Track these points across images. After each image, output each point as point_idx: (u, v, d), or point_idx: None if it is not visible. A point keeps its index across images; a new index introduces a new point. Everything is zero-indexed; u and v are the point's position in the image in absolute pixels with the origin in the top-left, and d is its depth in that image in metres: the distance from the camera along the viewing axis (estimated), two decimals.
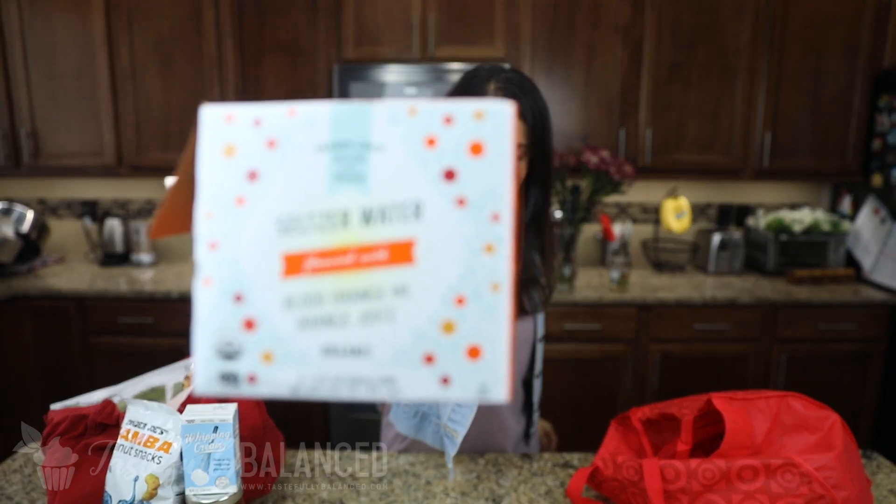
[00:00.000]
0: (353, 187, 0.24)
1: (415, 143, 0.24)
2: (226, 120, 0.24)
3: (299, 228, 0.24)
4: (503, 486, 0.79)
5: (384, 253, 0.23)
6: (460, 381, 0.24)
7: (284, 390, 0.24)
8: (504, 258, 0.24)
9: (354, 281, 0.24)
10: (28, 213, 2.15)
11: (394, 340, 0.24)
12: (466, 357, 0.24)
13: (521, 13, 1.97)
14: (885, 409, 1.91)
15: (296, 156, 0.24)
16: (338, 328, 0.24)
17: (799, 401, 0.70)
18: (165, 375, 0.74)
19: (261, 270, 0.24)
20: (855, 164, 2.04)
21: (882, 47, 1.96)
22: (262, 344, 0.24)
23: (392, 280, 0.23)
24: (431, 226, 0.23)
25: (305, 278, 0.24)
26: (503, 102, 0.24)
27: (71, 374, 1.95)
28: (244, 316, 0.24)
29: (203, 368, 0.25)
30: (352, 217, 0.24)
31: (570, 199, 2.04)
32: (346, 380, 0.24)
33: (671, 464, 0.67)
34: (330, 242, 0.24)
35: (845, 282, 1.99)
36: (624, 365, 1.90)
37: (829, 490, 0.62)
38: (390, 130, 0.24)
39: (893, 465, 0.83)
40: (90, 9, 1.98)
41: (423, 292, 0.24)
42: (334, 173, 0.24)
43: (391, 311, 0.24)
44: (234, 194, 0.24)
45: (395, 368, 0.24)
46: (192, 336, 0.25)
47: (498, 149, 0.23)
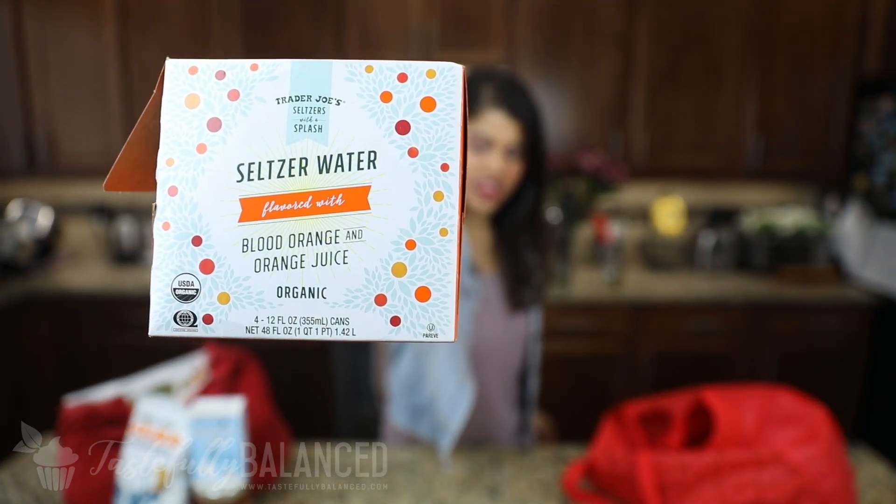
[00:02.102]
0: (311, 137, 0.25)
1: (371, 97, 0.25)
2: (189, 72, 0.25)
3: (259, 175, 0.25)
4: (500, 479, 0.81)
5: (340, 198, 0.24)
6: (410, 322, 0.25)
7: (240, 331, 0.25)
8: (452, 205, 0.25)
9: (310, 225, 0.24)
10: (43, 214, 2.18)
11: (347, 282, 0.25)
12: (416, 299, 0.25)
13: (519, 20, 2.00)
14: (867, 404, 1.96)
15: (257, 107, 0.25)
16: (293, 270, 0.25)
17: (787, 395, 0.73)
18: (174, 371, 0.76)
19: (219, 214, 0.24)
20: (839, 167, 2.09)
21: (864, 54, 2.02)
22: (219, 285, 0.25)
23: (347, 224, 0.25)
24: (385, 174, 0.25)
25: (263, 222, 0.24)
26: (453, 64, 0.25)
27: (85, 371, 1.97)
28: (202, 258, 0.25)
29: (159, 309, 0.25)
30: (310, 165, 0.24)
31: (566, 201, 2.07)
32: (300, 320, 0.25)
33: (664, 457, 0.69)
34: (288, 188, 0.24)
35: (831, 281, 2.04)
36: (618, 363, 1.93)
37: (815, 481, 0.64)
38: (348, 86, 0.25)
39: (875, 457, 0.87)
40: (103, 17, 2.01)
41: (376, 236, 0.25)
42: (294, 124, 0.25)
43: (345, 253, 0.25)
44: (196, 142, 0.25)
45: (348, 310, 0.25)
46: (151, 278, 0.25)
47: (448, 104, 0.25)
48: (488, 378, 0.90)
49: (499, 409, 0.93)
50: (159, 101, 0.26)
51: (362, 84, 0.25)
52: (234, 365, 0.76)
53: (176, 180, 0.25)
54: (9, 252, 2.03)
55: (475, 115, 0.79)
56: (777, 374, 1.94)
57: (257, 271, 0.25)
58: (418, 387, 0.89)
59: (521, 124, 0.79)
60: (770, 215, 2.15)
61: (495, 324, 0.89)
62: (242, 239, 0.25)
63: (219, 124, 0.25)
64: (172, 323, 0.25)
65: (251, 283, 0.25)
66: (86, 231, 2.39)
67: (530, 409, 0.98)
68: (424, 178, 0.25)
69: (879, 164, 1.96)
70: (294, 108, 0.25)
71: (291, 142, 0.25)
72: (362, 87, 0.25)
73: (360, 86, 0.25)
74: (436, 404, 0.86)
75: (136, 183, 0.28)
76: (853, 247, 2.05)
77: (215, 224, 0.25)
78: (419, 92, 0.25)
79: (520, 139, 0.79)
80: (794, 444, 0.67)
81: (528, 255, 0.89)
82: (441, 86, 0.25)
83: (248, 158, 0.25)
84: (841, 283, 2.04)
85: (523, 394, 0.98)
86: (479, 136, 0.78)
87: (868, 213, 2.01)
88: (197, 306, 0.25)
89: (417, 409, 0.90)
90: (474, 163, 0.79)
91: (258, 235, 0.25)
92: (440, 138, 0.25)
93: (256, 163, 0.25)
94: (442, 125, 0.25)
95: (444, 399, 0.85)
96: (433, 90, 0.25)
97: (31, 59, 2.04)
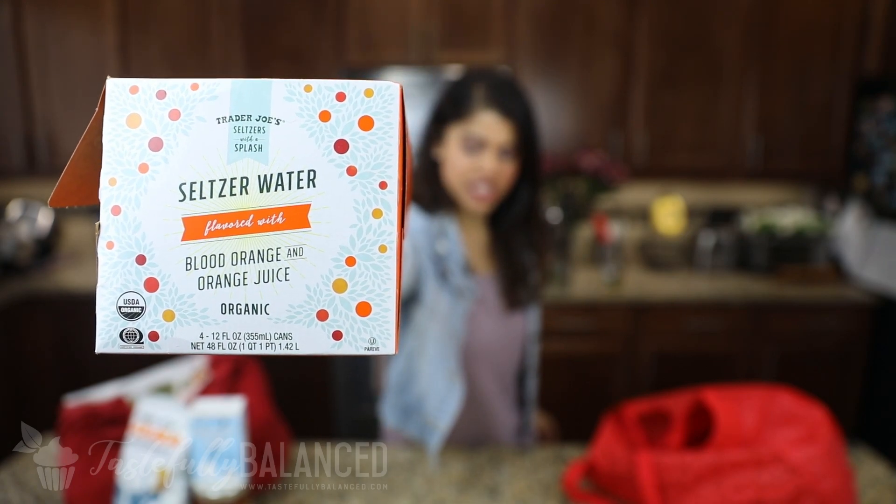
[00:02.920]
0: (251, 157, 0.25)
1: (310, 116, 0.25)
2: (130, 91, 0.25)
3: (200, 194, 0.25)
4: (500, 478, 0.82)
5: (281, 217, 0.25)
6: (351, 336, 0.26)
7: (185, 347, 0.25)
8: (391, 222, 0.26)
9: (252, 243, 0.25)
10: (43, 214, 2.18)
11: (289, 298, 0.25)
12: (356, 314, 0.26)
13: (519, 20, 2.00)
14: (867, 404, 1.96)
15: (198, 126, 0.25)
16: (236, 287, 0.25)
17: (787, 395, 0.73)
18: (175, 371, 0.76)
19: (162, 233, 0.25)
20: (839, 167, 2.09)
21: (863, 55, 2.02)
22: (164, 302, 0.25)
23: (288, 242, 0.25)
24: (325, 192, 0.25)
25: (205, 241, 0.25)
26: (391, 82, 0.26)
27: (85, 371, 1.96)
28: (146, 276, 0.25)
29: (105, 327, 0.25)
30: (251, 184, 0.25)
31: (566, 201, 2.07)
32: (244, 336, 0.25)
33: (664, 457, 0.69)
34: (230, 207, 0.25)
35: (831, 281, 2.04)
36: (618, 362, 1.93)
37: (815, 481, 0.64)
38: (287, 105, 0.25)
39: (875, 457, 0.87)
40: (103, 17, 2.01)
41: (316, 253, 0.25)
42: (234, 143, 0.25)
43: (287, 270, 0.25)
44: (138, 162, 0.25)
45: (291, 325, 0.25)
46: (97, 297, 0.25)
47: (386, 123, 0.25)
48: (485, 378, 0.90)
49: (497, 409, 0.93)
50: (99, 119, 0.26)
51: (301, 103, 0.25)
52: (234, 365, 0.76)
53: (119, 200, 0.25)
54: (9, 252, 2.04)
55: (468, 116, 0.78)
56: (777, 374, 1.94)
57: (201, 289, 0.25)
58: (408, 386, 0.89)
59: (515, 124, 0.78)
60: (770, 215, 2.16)
61: (491, 324, 0.89)
62: (186, 257, 0.25)
63: (160, 144, 0.25)
64: (119, 340, 0.25)
65: (195, 301, 0.25)
66: (86, 231, 2.39)
67: (529, 410, 0.97)
68: (363, 195, 0.25)
69: (879, 165, 1.96)
70: (234, 127, 0.25)
71: (232, 161, 0.25)
72: (301, 106, 0.25)
73: (300, 105, 0.25)
74: (424, 403, 0.86)
75: (82, 198, 0.28)
76: (853, 247, 2.05)
77: (159, 243, 0.25)
78: (357, 111, 0.25)
79: (513, 139, 0.79)
80: (794, 444, 0.67)
81: (525, 255, 0.89)
82: (379, 105, 0.25)
83: (190, 178, 0.25)
84: (841, 283, 2.04)
85: (522, 394, 0.98)
86: (472, 137, 0.78)
87: (868, 213, 2.01)
88: (142, 324, 0.25)
89: (407, 408, 0.90)
90: (468, 164, 0.78)
91: (201, 254, 0.25)
92: (378, 157, 0.25)
93: (198, 182, 0.25)
94: (380, 143, 0.25)
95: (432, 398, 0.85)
96: (371, 109, 0.26)
97: (32, 60, 2.04)
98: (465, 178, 0.79)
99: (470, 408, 0.90)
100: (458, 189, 0.81)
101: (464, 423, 0.90)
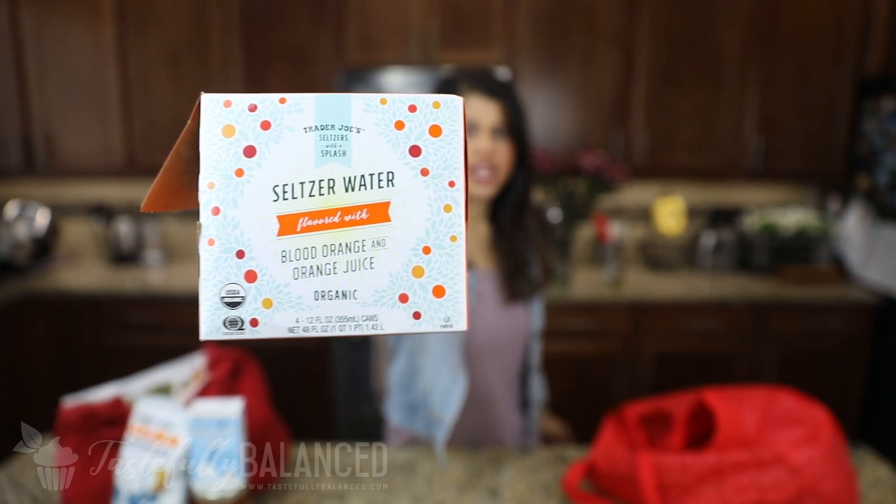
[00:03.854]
0: (336, 161, 0.28)
1: (386, 125, 0.29)
2: (223, 105, 0.28)
3: (292, 195, 0.28)
4: (501, 479, 0.81)
5: (365, 213, 0.28)
6: (429, 316, 0.29)
7: (283, 331, 0.28)
8: (459, 215, 0.29)
9: (340, 236, 0.28)
10: (41, 214, 2.17)
11: (374, 284, 0.29)
12: (433, 296, 0.29)
13: (519, 19, 1.99)
14: (870, 405, 1.96)
15: (287, 135, 0.28)
16: (327, 276, 0.28)
17: (789, 396, 0.73)
18: (173, 372, 0.75)
19: (259, 230, 0.28)
20: (841, 166, 2.08)
21: (866, 54, 2.01)
22: (263, 292, 0.28)
23: (372, 235, 0.29)
24: (402, 191, 0.29)
25: (298, 236, 0.28)
26: (454, 96, 0.30)
27: (83, 372, 1.96)
28: (246, 269, 0.28)
29: (209, 316, 0.28)
30: (337, 185, 0.28)
31: (567, 201, 2.07)
32: (335, 319, 0.29)
33: (665, 458, 0.68)
34: (319, 206, 0.28)
35: (833, 281, 2.04)
36: (618, 363, 1.92)
37: (816, 482, 0.64)
38: (365, 116, 0.29)
39: (878, 458, 0.86)
40: (101, 16, 2.01)
41: (397, 244, 0.29)
42: (320, 150, 0.28)
43: (371, 260, 0.29)
44: (234, 167, 0.28)
45: (376, 308, 0.29)
46: (200, 289, 0.28)
47: (452, 130, 0.29)
48: (488, 376, 0.90)
49: (501, 409, 0.93)
50: (193, 131, 0.28)
51: (378, 114, 0.29)
52: (233, 365, 0.75)
53: (218, 201, 0.28)
54: (6, 252, 2.03)
55: None
56: (778, 374, 1.94)
57: (296, 279, 0.28)
58: (412, 383, 0.90)
59: (500, 102, 0.82)
60: (771, 215, 2.15)
61: (491, 319, 0.89)
62: (281, 251, 0.28)
63: (254, 151, 0.28)
64: (222, 328, 0.28)
65: (291, 289, 0.28)
66: (84, 231, 2.39)
67: (532, 411, 0.97)
68: (435, 193, 0.29)
69: (882, 164, 1.96)
70: (320, 135, 0.28)
71: (319, 165, 0.28)
72: (378, 116, 0.29)
73: (377, 116, 0.29)
74: (429, 398, 0.87)
75: (167, 204, 0.32)
76: (855, 247, 2.04)
77: (256, 239, 0.28)
78: (427, 120, 0.29)
79: (502, 119, 0.83)
80: (796, 445, 0.67)
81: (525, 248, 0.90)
82: (445, 115, 0.29)
83: (283, 180, 0.28)
84: (843, 283, 2.03)
85: (525, 394, 0.97)
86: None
87: (870, 212, 2.00)
88: (244, 311, 0.28)
89: (412, 405, 0.91)
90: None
91: (295, 247, 0.28)
92: (447, 160, 0.29)
93: (290, 184, 0.28)
94: (448, 148, 0.29)
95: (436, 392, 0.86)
96: (439, 119, 0.29)
97: (29, 59, 2.03)
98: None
99: (476, 408, 0.90)
100: None
101: (470, 424, 0.90)
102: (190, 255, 2.41)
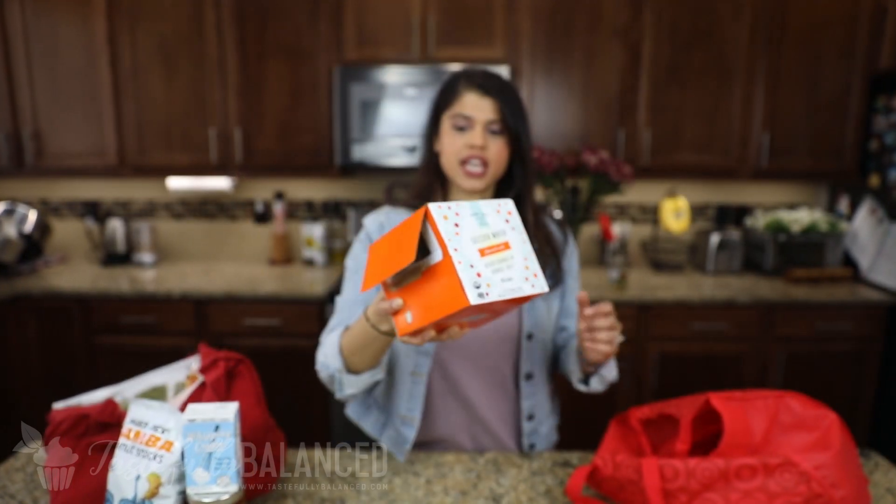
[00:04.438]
0: (486, 228, 0.60)
1: (501, 219, 0.61)
2: (443, 218, 0.58)
3: (479, 241, 0.58)
4: (503, 484, 0.80)
5: (502, 245, 0.59)
6: (539, 281, 0.59)
7: (495, 296, 0.56)
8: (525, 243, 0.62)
9: (500, 255, 0.59)
10: (31, 213, 2.16)
11: (516, 273, 0.59)
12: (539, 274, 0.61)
13: (521, 15, 1.97)
14: (882, 407, 1.92)
15: (465, 222, 0.59)
16: (501, 270, 0.58)
17: (797, 400, 0.71)
18: (167, 374, 0.74)
19: (473, 253, 0.57)
20: (852, 165, 2.05)
21: (878, 49, 1.97)
22: (486, 279, 0.57)
23: (509, 253, 0.59)
24: (513, 238, 0.60)
25: (487, 255, 0.58)
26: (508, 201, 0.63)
27: (74, 374, 1.95)
28: (476, 270, 0.57)
29: (471, 290, 0.56)
30: (489, 236, 0.59)
31: (570, 200, 2.04)
32: (508, 290, 0.57)
33: (670, 463, 0.67)
34: (488, 244, 0.59)
35: (843, 282, 2.00)
36: (623, 364, 1.90)
37: (826, 489, 0.62)
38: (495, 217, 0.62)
39: (891, 464, 0.84)
40: (92, 11, 1.98)
41: (517, 257, 0.59)
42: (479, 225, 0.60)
43: (512, 263, 0.59)
44: (453, 233, 0.58)
45: (520, 282, 0.58)
46: (462, 280, 0.55)
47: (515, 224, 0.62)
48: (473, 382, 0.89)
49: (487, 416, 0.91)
50: (410, 229, 0.60)
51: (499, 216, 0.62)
52: (228, 368, 0.74)
53: (453, 244, 0.58)
54: None
55: (454, 101, 0.86)
56: (787, 376, 1.91)
57: (491, 272, 0.58)
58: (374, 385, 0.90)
59: (495, 100, 0.84)
60: (779, 215, 2.12)
61: None
62: (483, 262, 0.58)
63: (458, 226, 0.59)
64: (477, 296, 0.56)
65: (492, 277, 0.58)
66: (75, 230, 2.37)
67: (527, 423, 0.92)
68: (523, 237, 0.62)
69: (894, 163, 1.92)
70: (478, 222, 0.60)
71: (483, 229, 0.60)
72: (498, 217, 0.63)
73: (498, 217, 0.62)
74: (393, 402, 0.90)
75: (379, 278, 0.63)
76: (865, 247, 2.00)
77: (473, 258, 0.57)
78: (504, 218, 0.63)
79: (497, 116, 0.84)
80: (805, 451, 0.65)
81: None
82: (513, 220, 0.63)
83: (473, 237, 0.59)
84: (853, 283, 2.00)
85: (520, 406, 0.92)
86: (458, 116, 0.85)
87: (881, 212, 1.96)
88: (483, 289, 0.56)
89: (367, 404, 0.95)
90: (459, 142, 0.84)
91: (487, 260, 0.58)
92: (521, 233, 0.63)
93: (476, 237, 0.59)
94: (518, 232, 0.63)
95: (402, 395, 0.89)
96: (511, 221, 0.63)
97: (16, 53, 2.00)
98: (457, 156, 0.85)
99: (460, 416, 0.89)
100: (453, 170, 0.86)
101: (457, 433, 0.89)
102: (182, 256, 2.40)
